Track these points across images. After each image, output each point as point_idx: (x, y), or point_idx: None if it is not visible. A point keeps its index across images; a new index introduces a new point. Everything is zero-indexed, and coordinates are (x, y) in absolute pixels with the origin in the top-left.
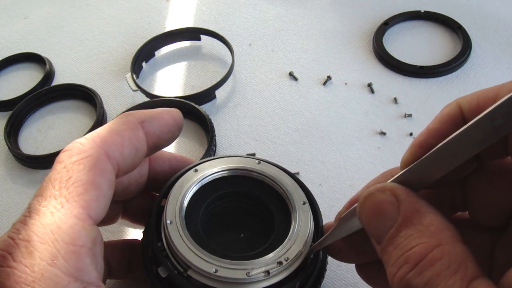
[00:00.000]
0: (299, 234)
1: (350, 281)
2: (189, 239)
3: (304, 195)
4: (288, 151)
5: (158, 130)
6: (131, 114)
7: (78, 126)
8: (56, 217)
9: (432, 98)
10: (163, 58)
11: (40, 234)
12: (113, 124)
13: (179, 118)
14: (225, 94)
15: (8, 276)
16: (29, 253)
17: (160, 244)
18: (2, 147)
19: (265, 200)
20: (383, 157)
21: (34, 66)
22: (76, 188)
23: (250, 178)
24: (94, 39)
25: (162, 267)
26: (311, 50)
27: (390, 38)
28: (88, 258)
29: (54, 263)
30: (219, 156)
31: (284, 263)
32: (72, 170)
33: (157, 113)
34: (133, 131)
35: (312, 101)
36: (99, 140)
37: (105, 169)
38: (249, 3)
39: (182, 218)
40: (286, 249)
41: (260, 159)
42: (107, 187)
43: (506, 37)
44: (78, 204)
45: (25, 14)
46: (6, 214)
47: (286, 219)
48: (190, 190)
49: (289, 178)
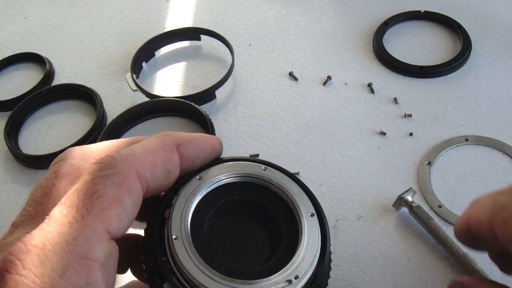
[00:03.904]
0: (308, 250)
1: (350, 281)
2: (196, 256)
3: (312, 205)
4: (288, 151)
5: (193, 156)
6: (168, 134)
7: (78, 126)
8: (73, 228)
9: (432, 98)
10: (163, 58)
11: (54, 244)
12: (148, 143)
13: (217, 146)
14: (225, 94)
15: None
16: (40, 262)
17: (165, 258)
18: (2, 147)
19: (271, 209)
20: (383, 157)
21: (34, 66)
22: (101, 202)
23: (256, 185)
24: (94, 39)
25: (168, 283)
26: (311, 50)
27: (390, 38)
28: (100, 273)
29: (65, 275)
30: (223, 159)
31: (293, 281)
32: (100, 183)
33: (196, 138)
34: (167, 153)
35: (312, 101)
36: (132, 157)
37: (133, 188)
38: (249, 3)
39: (187, 233)
40: (295, 267)
41: (266, 164)
42: (132, 206)
43: (506, 37)
44: (99, 218)
45: (25, 14)
46: (6, 214)
47: (293, 231)
48: (195, 201)
49: (296, 186)
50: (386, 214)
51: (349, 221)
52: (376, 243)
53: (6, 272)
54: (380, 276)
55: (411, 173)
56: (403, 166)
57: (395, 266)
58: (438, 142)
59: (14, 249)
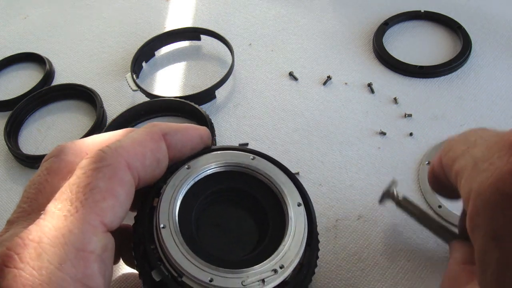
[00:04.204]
0: (294, 239)
1: (350, 281)
2: (183, 245)
3: (299, 195)
4: (288, 151)
5: (180, 144)
6: (155, 125)
7: (78, 126)
8: (69, 221)
9: (432, 98)
10: (163, 58)
11: (50, 237)
12: (136, 134)
13: (205, 136)
14: (225, 94)
15: (14, 277)
16: (37, 255)
17: (153, 246)
18: (2, 147)
19: (259, 198)
20: (383, 157)
21: (34, 66)
22: (94, 194)
23: (244, 175)
24: (94, 39)
25: (156, 271)
26: (311, 50)
27: (390, 38)
28: (96, 265)
29: (62, 267)
30: (212, 148)
31: (279, 271)
32: (92, 176)
33: (182, 128)
34: (155, 142)
35: (312, 101)
36: (122, 150)
37: (125, 180)
38: (249, 3)
39: (175, 222)
40: (281, 256)
41: (254, 153)
42: (125, 197)
43: (506, 37)
44: (93, 210)
45: (25, 14)
46: (6, 214)
47: (280, 221)
48: (183, 190)
49: (284, 175)
50: (386, 214)
51: (349, 221)
52: (376, 243)
53: (4, 266)
54: (380, 276)
55: (411, 173)
56: (403, 166)
57: (395, 266)
58: (438, 142)
59: (11, 244)
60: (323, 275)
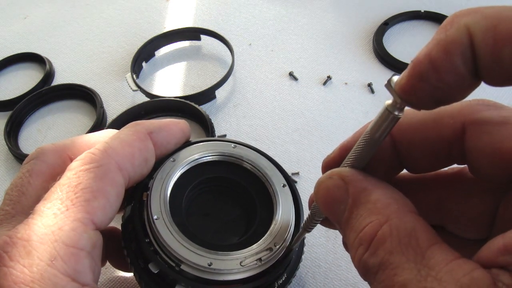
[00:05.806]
0: (284, 218)
1: (350, 281)
2: (179, 234)
3: (283, 177)
4: (288, 151)
5: (165, 142)
6: (139, 124)
7: (78, 126)
8: (58, 218)
9: None
10: (163, 58)
11: (40, 234)
12: (122, 135)
13: (186, 130)
14: (225, 94)
15: (5, 275)
16: (27, 253)
17: (148, 240)
18: (2, 147)
19: (244, 184)
20: None
21: (34, 66)
22: (84, 194)
23: (228, 163)
24: (94, 39)
25: (153, 263)
26: (311, 50)
27: (390, 38)
28: (87, 261)
29: (53, 263)
30: (193, 141)
31: (274, 248)
32: (83, 177)
33: (165, 124)
34: (142, 142)
35: (312, 101)
36: (111, 151)
37: (116, 180)
38: (249, 3)
39: (168, 212)
40: (274, 235)
41: (234, 142)
42: (115, 198)
43: None
44: (83, 208)
45: (25, 14)
46: None
47: (268, 203)
48: (171, 182)
49: (266, 160)
50: None
51: None
52: None
53: None
54: None
55: None
56: None
57: None
58: None
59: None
60: (323, 275)
